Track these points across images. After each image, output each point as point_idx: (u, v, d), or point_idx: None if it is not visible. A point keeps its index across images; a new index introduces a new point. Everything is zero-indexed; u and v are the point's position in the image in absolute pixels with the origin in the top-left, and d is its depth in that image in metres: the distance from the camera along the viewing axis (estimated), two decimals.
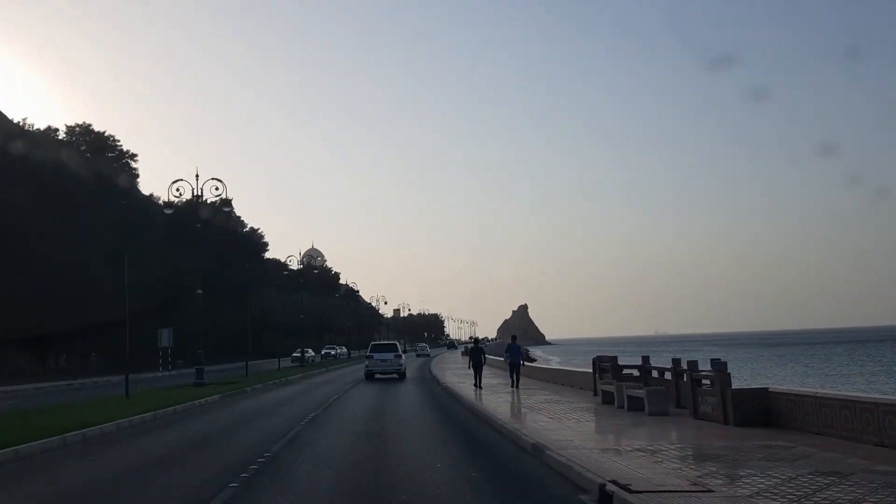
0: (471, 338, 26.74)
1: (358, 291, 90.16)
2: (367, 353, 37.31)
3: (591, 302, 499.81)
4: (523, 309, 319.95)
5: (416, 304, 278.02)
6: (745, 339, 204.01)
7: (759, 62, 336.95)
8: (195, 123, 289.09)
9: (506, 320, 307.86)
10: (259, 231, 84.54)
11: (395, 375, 35.25)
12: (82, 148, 53.39)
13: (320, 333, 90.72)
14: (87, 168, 49.65)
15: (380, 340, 52.87)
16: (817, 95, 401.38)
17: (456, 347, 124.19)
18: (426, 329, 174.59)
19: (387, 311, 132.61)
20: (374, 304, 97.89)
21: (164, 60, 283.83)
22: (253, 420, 18.80)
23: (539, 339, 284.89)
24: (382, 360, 35.42)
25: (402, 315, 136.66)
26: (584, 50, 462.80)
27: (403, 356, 37.96)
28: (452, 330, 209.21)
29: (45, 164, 48.14)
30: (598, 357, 21.44)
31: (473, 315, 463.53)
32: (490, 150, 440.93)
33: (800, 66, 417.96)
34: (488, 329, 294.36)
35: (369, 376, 34.77)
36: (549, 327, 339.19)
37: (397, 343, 41.47)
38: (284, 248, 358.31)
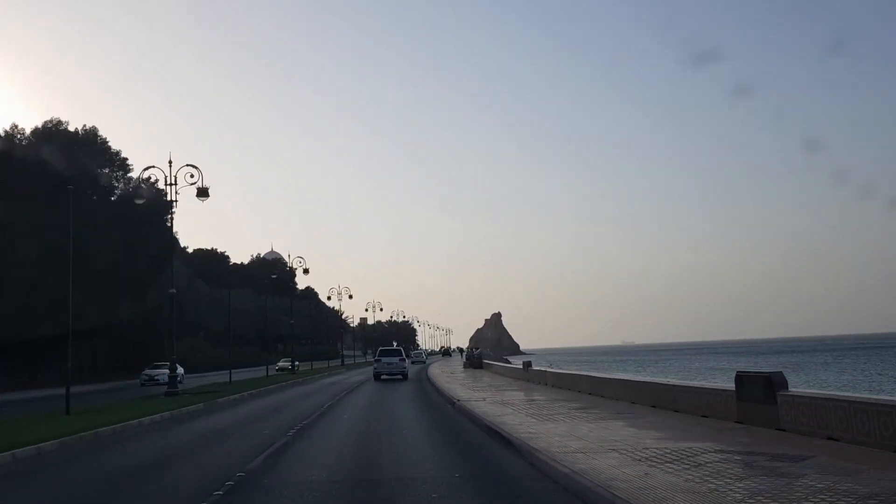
0: None
1: (306, 271, 68.97)
2: (376, 357, 44.60)
3: (560, 312, 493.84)
4: (497, 317, 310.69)
5: (388, 305, 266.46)
6: (724, 349, 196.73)
7: (742, 58, 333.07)
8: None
9: (479, 329, 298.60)
10: (155, 183, 60.08)
11: (399, 377, 40.43)
12: None
13: (269, 342, 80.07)
14: None
15: (343, 350, 66.90)
16: (800, 92, 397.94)
17: (450, 355, 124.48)
18: (397, 337, 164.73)
19: (353, 316, 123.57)
20: (334, 299, 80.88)
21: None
22: None
23: (514, 349, 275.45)
24: (389, 364, 41.46)
25: (372, 316, 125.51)
26: (560, 53, 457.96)
27: (407, 360, 44.63)
28: (425, 338, 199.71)
29: None
30: None
31: (446, 323, 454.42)
32: (465, 156, 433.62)
33: (783, 61, 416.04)
34: (461, 338, 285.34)
35: (377, 377, 40.62)
36: (520, 337, 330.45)
37: (402, 349, 48.34)
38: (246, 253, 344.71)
